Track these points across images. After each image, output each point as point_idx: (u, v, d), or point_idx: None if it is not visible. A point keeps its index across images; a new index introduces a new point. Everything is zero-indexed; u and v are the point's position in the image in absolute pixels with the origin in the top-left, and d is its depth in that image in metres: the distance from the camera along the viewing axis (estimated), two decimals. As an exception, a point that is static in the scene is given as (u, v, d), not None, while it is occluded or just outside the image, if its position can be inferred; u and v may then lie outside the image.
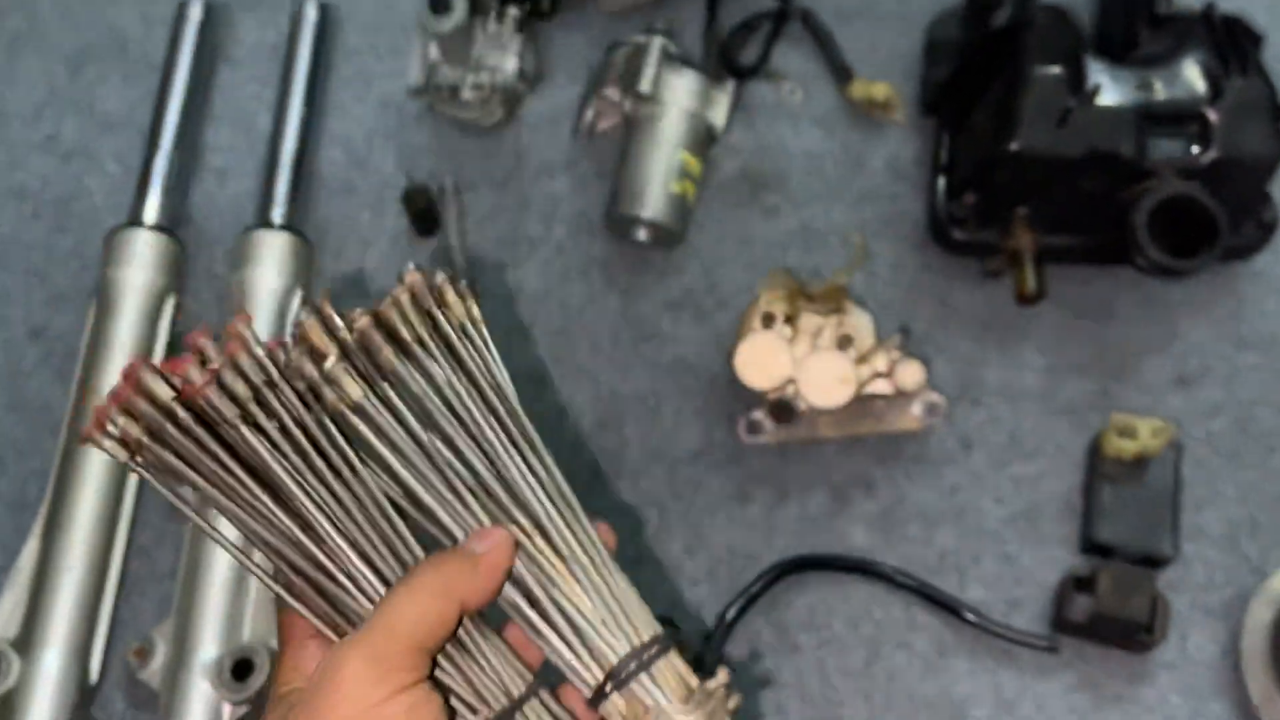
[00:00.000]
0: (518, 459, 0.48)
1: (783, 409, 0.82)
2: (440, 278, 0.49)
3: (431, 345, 0.47)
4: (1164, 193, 0.81)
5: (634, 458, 0.87)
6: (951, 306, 0.92)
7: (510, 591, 0.47)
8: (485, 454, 0.47)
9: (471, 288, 0.50)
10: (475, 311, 0.49)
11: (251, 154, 0.99)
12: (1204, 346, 0.89)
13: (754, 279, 0.93)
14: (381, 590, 0.45)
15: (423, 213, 0.94)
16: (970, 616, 0.78)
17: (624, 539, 0.78)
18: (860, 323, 0.83)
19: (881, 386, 0.83)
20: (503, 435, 0.48)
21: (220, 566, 0.78)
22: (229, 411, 0.44)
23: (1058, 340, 0.90)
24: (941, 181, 0.92)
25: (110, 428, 0.44)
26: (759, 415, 0.85)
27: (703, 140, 0.94)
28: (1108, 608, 0.75)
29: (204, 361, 0.45)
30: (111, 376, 0.85)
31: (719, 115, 0.94)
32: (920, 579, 0.81)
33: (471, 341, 0.49)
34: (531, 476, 0.48)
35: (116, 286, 0.88)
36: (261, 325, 0.87)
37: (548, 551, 0.47)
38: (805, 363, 0.81)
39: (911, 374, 0.80)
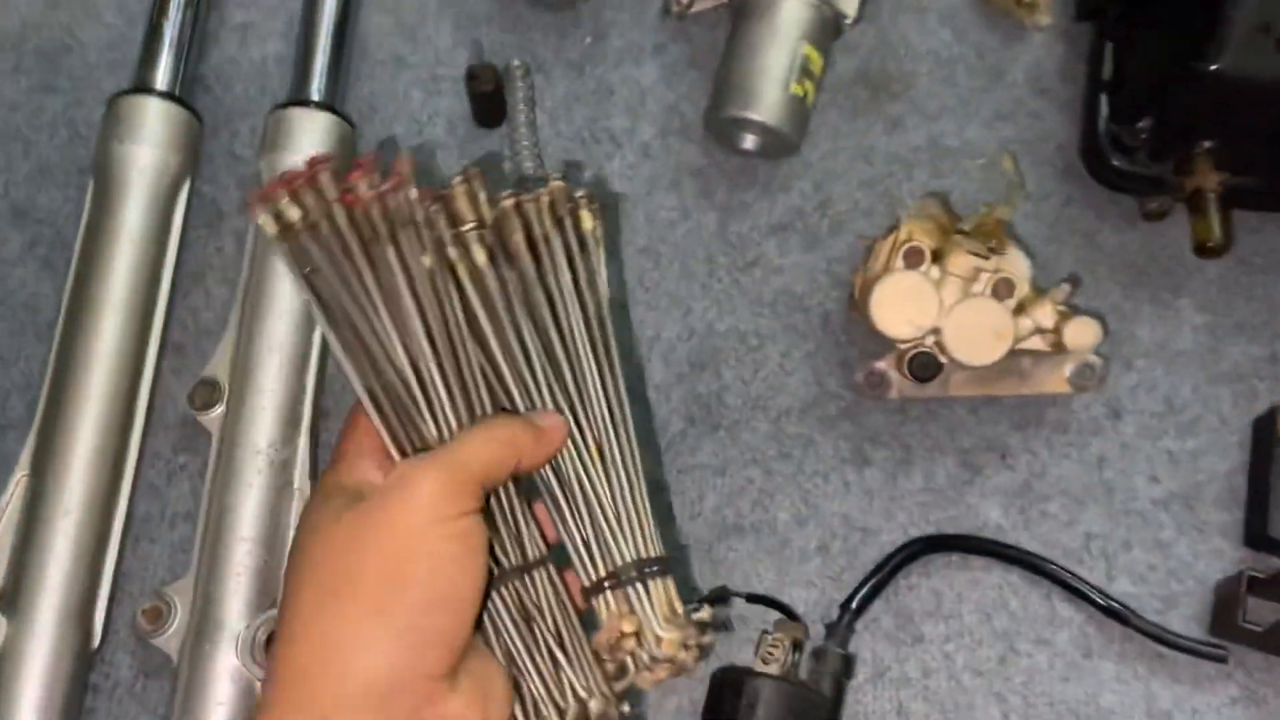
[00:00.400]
0: (593, 364, 0.55)
1: (924, 364, 0.69)
2: (581, 193, 0.57)
3: (555, 244, 0.55)
4: (1393, 133, 0.68)
5: (733, 406, 0.75)
6: (1100, 248, 0.79)
7: (548, 472, 0.53)
8: (568, 351, 0.55)
9: (599, 206, 0.57)
10: (599, 232, 0.57)
11: (282, 9, 0.83)
12: (1388, 313, 0.77)
13: (874, 200, 0.80)
14: (455, 427, 0.51)
15: (488, 96, 0.79)
16: (1135, 620, 0.68)
17: (720, 503, 0.67)
18: (1020, 267, 0.70)
19: (1037, 343, 0.70)
20: (588, 340, 0.55)
21: (251, 518, 0.65)
22: (383, 229, 0.51)
23: (1222, 295, 0.78)
24: (1104, 102, 0.78)
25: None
26: (884, 366, 0.72)
27: (828, 31, 0.79)
28: (1294, 619, 0.65)
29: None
30: (117, 273, 0.70)
31: (849, 0, 0.79)
32: (1068, 568, 0.70)
33: (588, 254, 0.56)
34: (599, 382, 0.55)
35: (121, 165, 0.72)
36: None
37: (593, 449, 0.54)
38: (955, 311, 0.68)
39: (1085, 333, 0.68)
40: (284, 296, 0.70)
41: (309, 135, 0.74)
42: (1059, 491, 0.73)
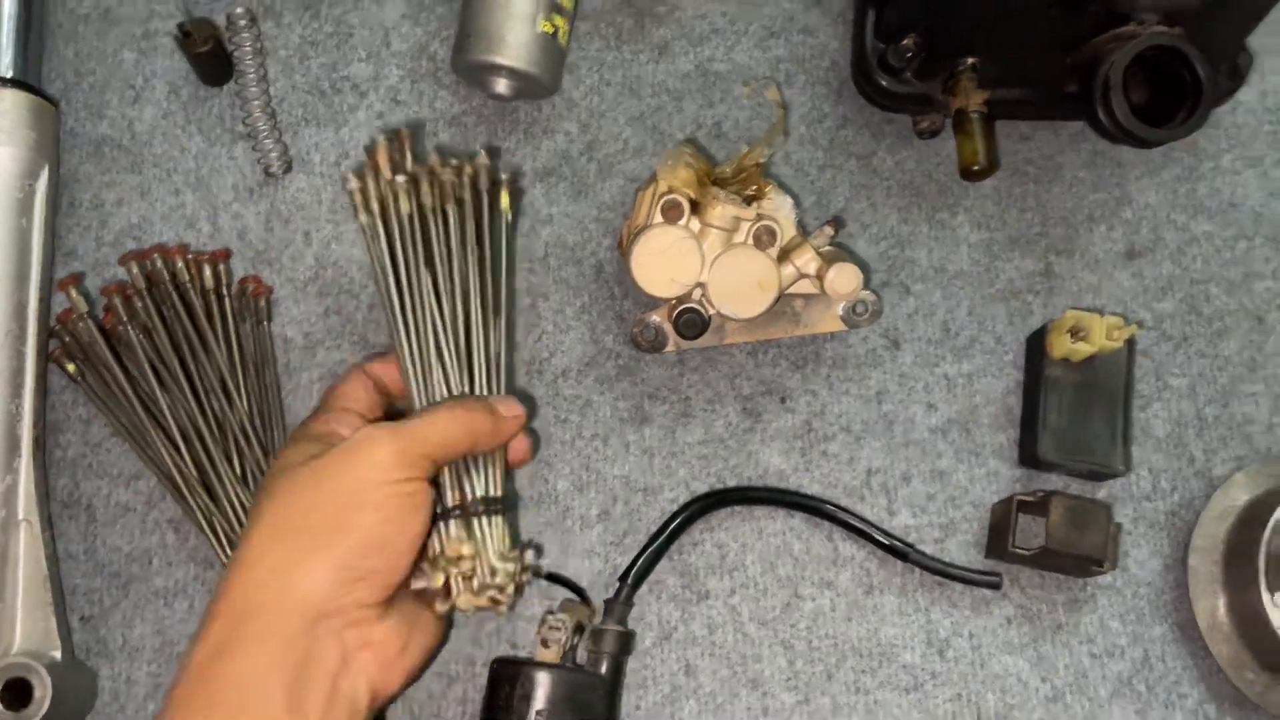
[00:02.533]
0: (480, 317, 0.61)
1: (690, 322, 0.67)
2: (504, 177, 0.63)
3: (469, 207, 0.62)
4: (1145, 44, 0.66)
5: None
6: (877, 171, 0.77)
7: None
8: (467, 308, 0.61)
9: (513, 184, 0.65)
10: (509, 216, 0.64)
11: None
12: (1156, 212, 0.78)
13: (643, 137, 0.76)
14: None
15: (208, 55, 0.71)
16: (913, 555, 0.68)
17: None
18: (782, 211, 0.67)
19: (806, 286, 0.68)
20: (480, 300, 0.61)
21: (-25, 560, 0.60)
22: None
23: (997, 209, 0.77)
24: (871, 17, 0.75)
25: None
26: (657, 319, 0.69)
27: (576, -42, 0.73)
28: (1059, 543, 0.66)
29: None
30: None
31: (596, -76, 0.73)
32: (847, 509, 0.70)
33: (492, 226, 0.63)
34: (485, 339, 0.61)
35: None
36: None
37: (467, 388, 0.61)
38: (718, 265, 0.66)
39: (846, 280, 0.66)
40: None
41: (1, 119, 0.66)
42: (839, 429, 0.72)
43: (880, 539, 0.69)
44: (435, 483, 0.58)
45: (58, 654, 0.61)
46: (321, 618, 0.52)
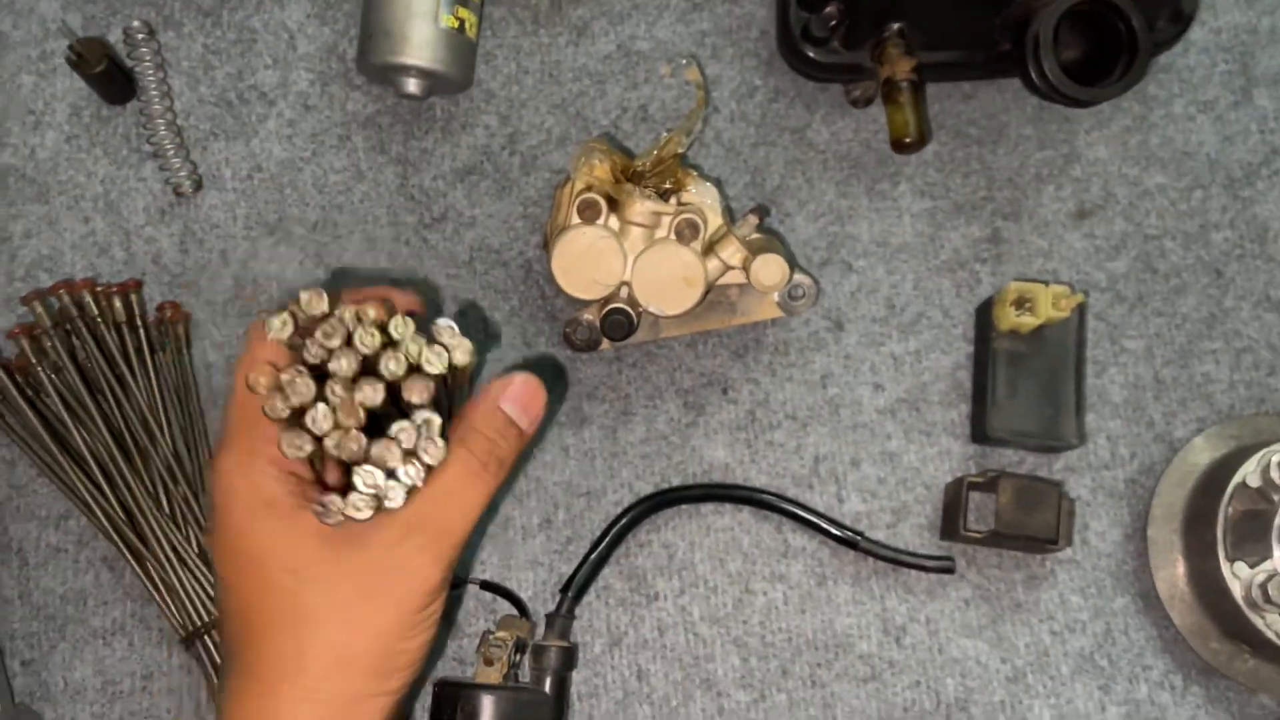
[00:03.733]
0: None
1: (616, 324, 0.65)
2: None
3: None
4: (1075, -1, 0.63)
5: (437, 385, 0.70)
6: (812, 145, 0.74)
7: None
8: None
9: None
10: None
11: None
12: (1106, 167, 0.75)
13: (566, 125, 0.73)
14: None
15: (104, 75, 0.68)
16: (864, 544, 0.67)
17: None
18: (705, 200, 0.65)
19: (738, 276, 0.66)
20: None
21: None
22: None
23: (940, 175, 0.74)
24: (794, -16, 0.71)
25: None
26: (589, 318, 0.67)
27: (478, -55, 0.70)
28: (1008, 524, 0.64)
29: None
30: None
31: (496, -93, 0.69)
32: (794, 500, 0.68)
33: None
34: None
35: None
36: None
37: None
38: (640, 262, 0.63)
39: (770, 273, 0.63)
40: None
41: (-111, 160, 0.64)
42: (784, 417, 0.70)
43: (830, 529, 0.68)
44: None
45: (-4, 705, 0.61)
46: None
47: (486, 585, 0.66)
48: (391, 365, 0.46)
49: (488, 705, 0.59)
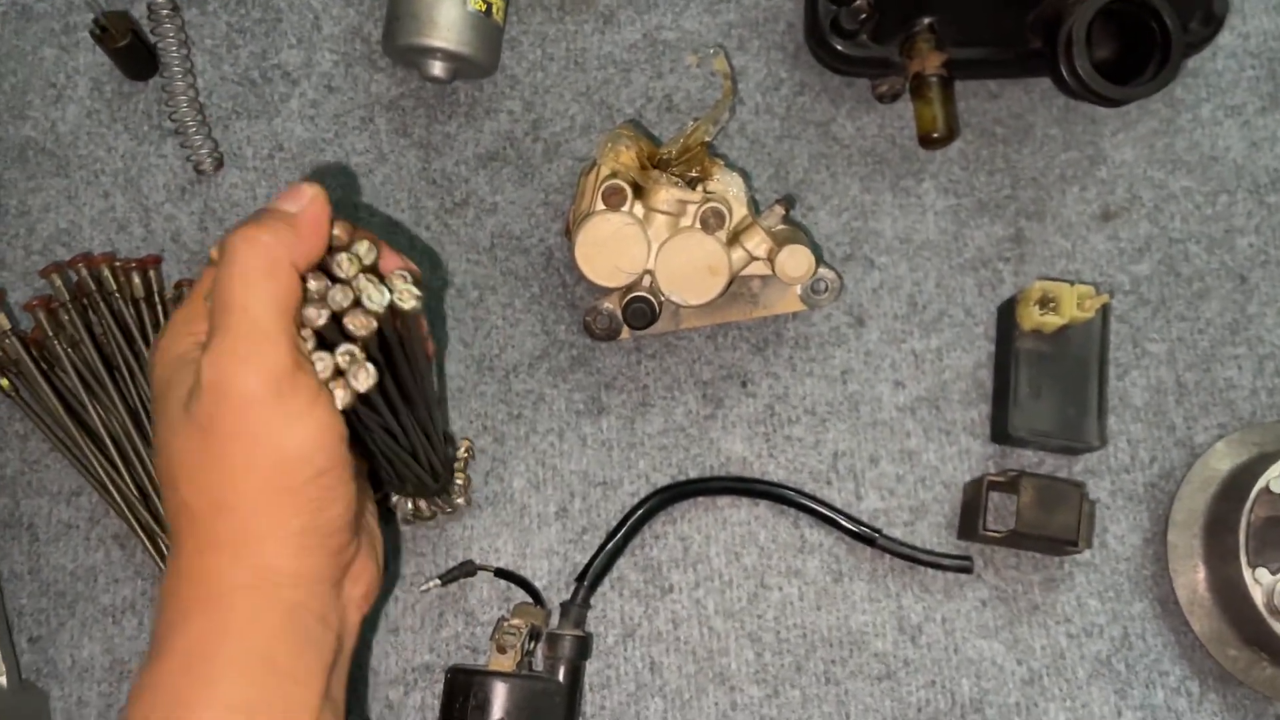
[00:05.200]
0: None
1: (638, 312, 0.64)
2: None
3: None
4: (1109, -3, 0.62)
5: (455, 372, 0.69)
6: (837, 139, 0.74)
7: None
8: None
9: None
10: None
11: None
12: (1131, 169, 0.74)
13: (590, 113, 0.73)
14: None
15: (127, 50, 0.68)
16: (881, 540, 0.66)
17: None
18: (731, 189, 0.64)
19: (761, 267, 0.66)
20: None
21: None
22: None
23: (964, 174, 0.74)
24: (824, -24, 0.71)
25: None
26: (610, 307, 0.67)
27: (508, -71, 0.69)
28: (1029, 524, 0.64)
29: None
30: None
31: (527, -109, 0.69)
32: (812, 495, 0.67)
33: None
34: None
35: None
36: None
37: None
38: (664, 251, 0.63)
39: (797, 264, 0.63)
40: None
41: (-91, 128, 0.63)
42: (804, 412, 0.70)
43: (847, 525, 0.67)
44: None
45: (3, 679, 0.60)
46: (319, 582, 0.45)
47: (501, 573, 0.65)
48: (339, 297, 0.44)
49: (500, 693, 0.59)
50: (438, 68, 0.69)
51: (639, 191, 0.63)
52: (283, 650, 0.44)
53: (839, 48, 0.70)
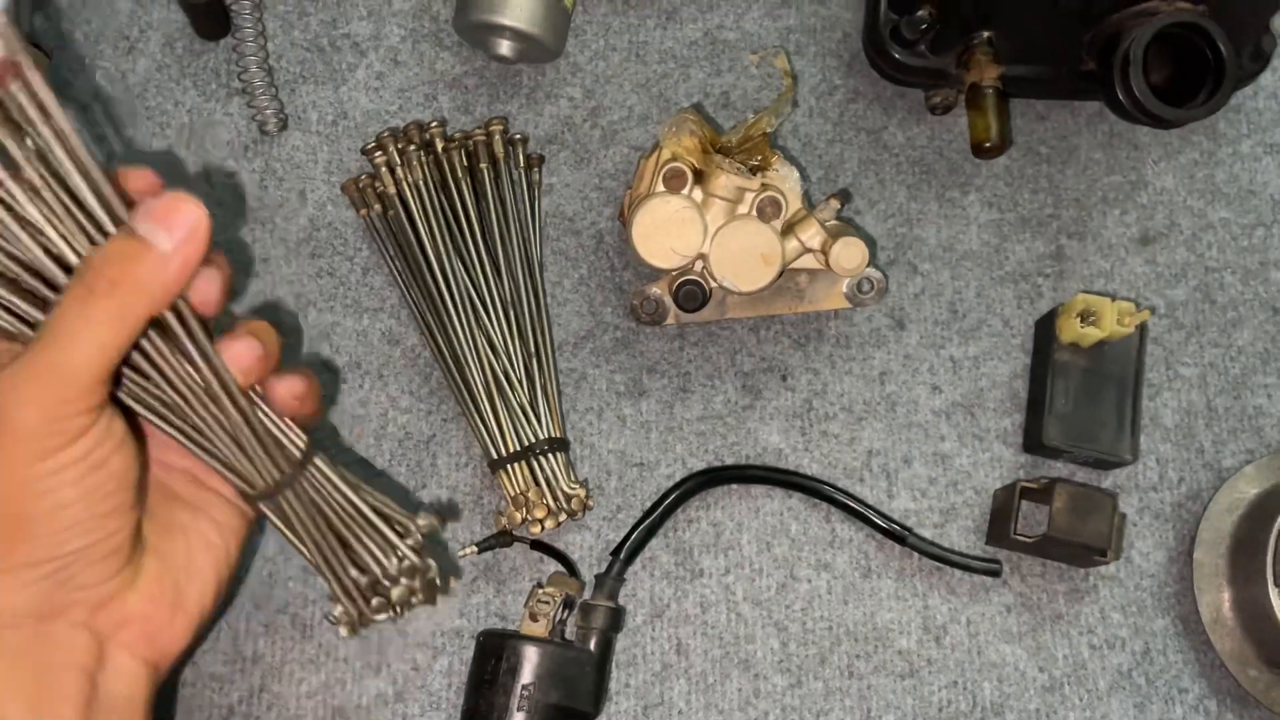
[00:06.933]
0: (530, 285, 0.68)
1: (690, 294, 0.65)
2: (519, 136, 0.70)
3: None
4: (1168, 20, 0.64)
5: (501, 343, 0.70)
6: (887, 147, 0.75)
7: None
8: (509, 261, 0.69)
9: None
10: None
11: (-52, -88, 0.71)
12: (1172, 197, 0.76)
13: (648, 104, 0.74)
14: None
15: (205, 7, 0.69)
16: (912, 539, 0.67)
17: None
18: (788, 182, 0.66)
19: (811, 261, 0.67)
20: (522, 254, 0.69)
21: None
22: None
23: (1009, 189, 0.75)
24: (886, -13, 0.73)
25: None
26: (658, 292, 0.68)
27: (584, -82, 0.71)
28: (1061, 530, 0.64)
29: None
30: None
31: (605, -117, 0.71)
32: (846, 490, 0.68)
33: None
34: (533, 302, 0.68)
35: None
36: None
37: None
38: (720, 236, 0.64)
39: (851, 255, 0.64)
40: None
41: (-13, 65, 0.64)
42: (841, 409, 0.71)
43: (879, 522, 0.68)
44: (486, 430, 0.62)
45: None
46: (44, 621, 0.41)
47: (537, 545, 0.66)
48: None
49: (532, 657, 0.59)
50: (505, 46, 0.70)
51: (699, 177, 0.65)
52: None
53: (897, 56, 0.72)
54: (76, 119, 0.71)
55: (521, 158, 0.70)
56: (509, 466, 0.65)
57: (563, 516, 0.65)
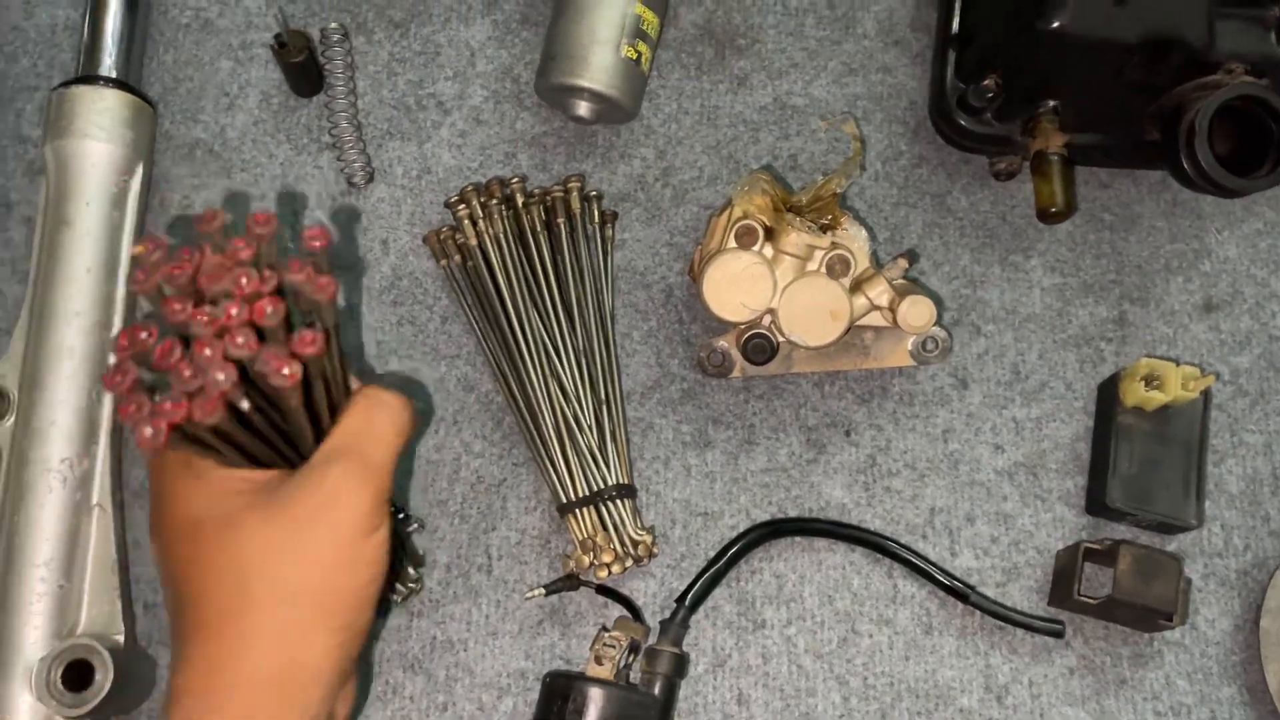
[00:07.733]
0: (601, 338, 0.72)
1: (758, 347, 0.67)
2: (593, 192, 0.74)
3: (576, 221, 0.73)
4: (1233, 93, 0.66)
5: (571, 391, 0.72)
6: (951, 211, 0.77)
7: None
8: (583, 314, 0.72)
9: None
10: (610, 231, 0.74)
11: (69, -25, 0.76)
12: (1235, 265, 0.77)
13: (718, 165, 0.77)
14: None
15: (301, 66, 0.73)
16: (974, 597, 0.67)
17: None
18: (857, 241, 0.67)
19: (877, 318, 0.68)
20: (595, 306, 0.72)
21: (46, 540, 0.61)
22: None
23: (1071, 255, 0.76)
24: (952, 57, 0.75)
25: None
26: (725, 345, 0.69)
27: (663, -12, 0.74)
28: (1126, 592, 0.64)
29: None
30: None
31: (684, -44, 0.74)
32: (909, 546, 0.69)
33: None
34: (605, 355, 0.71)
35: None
36: (90, 209, 0.67)
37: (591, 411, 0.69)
38: (790, 292, 0.66)
39: (919, 313, 0.66)
40: (76, 295, 0.65)
41: (99, 117, 0.68)
42: (904, 466, 0.72)
43: (941, 579, 0.68)
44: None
45: (121, 638, 0.62)
46: (308, 684, 0.46)
47: (603, 590, 0.67)
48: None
49: (598, 699, 0.60)
50: (584, 108, 0.73)
51: (769, 234, 0.67)
52: None
53: (963, 123, 0.74)
54: (179, 166, 0.75)
55: (596, 214, 0.73)
56: (577, 511, 0.66)
57: (629, 562, 0.66)
